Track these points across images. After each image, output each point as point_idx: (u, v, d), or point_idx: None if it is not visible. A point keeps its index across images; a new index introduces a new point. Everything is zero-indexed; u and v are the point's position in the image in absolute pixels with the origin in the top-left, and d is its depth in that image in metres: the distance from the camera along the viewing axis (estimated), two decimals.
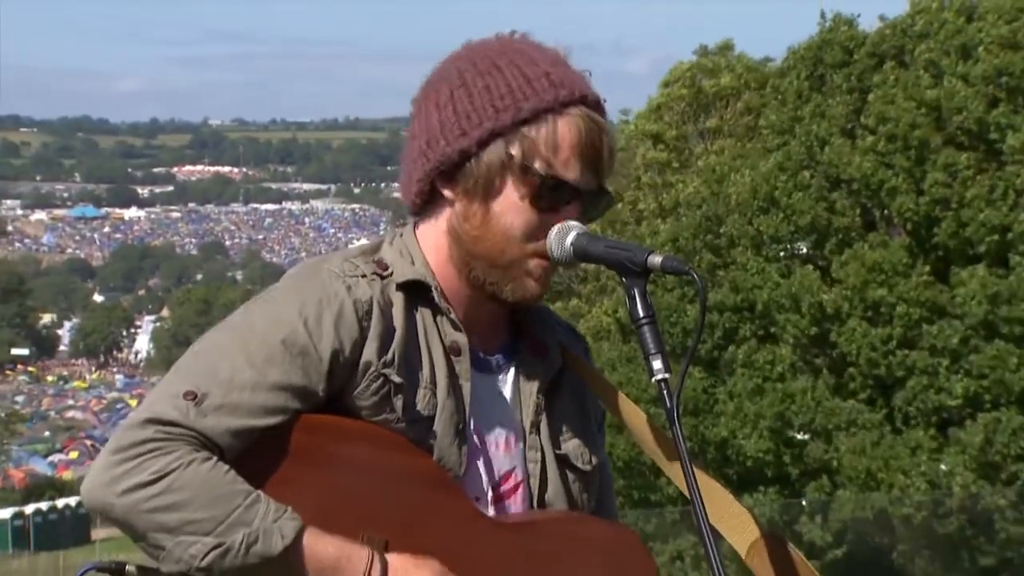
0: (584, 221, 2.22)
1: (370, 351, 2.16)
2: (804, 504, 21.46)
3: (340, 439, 2.14)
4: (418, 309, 2.23)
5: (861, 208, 22.51)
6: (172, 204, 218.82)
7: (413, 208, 2.29)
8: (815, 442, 21.79)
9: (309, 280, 2.19)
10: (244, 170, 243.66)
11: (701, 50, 31.89)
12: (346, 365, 2.15)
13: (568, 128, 2.18)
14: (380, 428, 2.16)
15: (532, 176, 2.17)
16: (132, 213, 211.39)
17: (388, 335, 2.18)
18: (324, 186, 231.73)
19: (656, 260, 2.11)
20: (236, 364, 2.10)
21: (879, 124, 21.83)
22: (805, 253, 23.27)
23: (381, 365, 2.16)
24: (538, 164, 2.17)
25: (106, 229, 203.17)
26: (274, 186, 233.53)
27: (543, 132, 2.17)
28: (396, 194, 2.44)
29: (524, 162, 2.17)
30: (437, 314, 2.24)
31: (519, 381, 2.32)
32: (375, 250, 2.27)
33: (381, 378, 2.16)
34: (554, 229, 2.19)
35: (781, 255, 23.13)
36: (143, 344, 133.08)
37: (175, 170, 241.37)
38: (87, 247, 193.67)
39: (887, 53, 22.84)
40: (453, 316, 2.24)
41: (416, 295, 2.23)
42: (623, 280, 2.15)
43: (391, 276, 2.22)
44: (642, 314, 2.13)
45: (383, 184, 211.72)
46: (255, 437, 2.09)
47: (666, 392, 2.09)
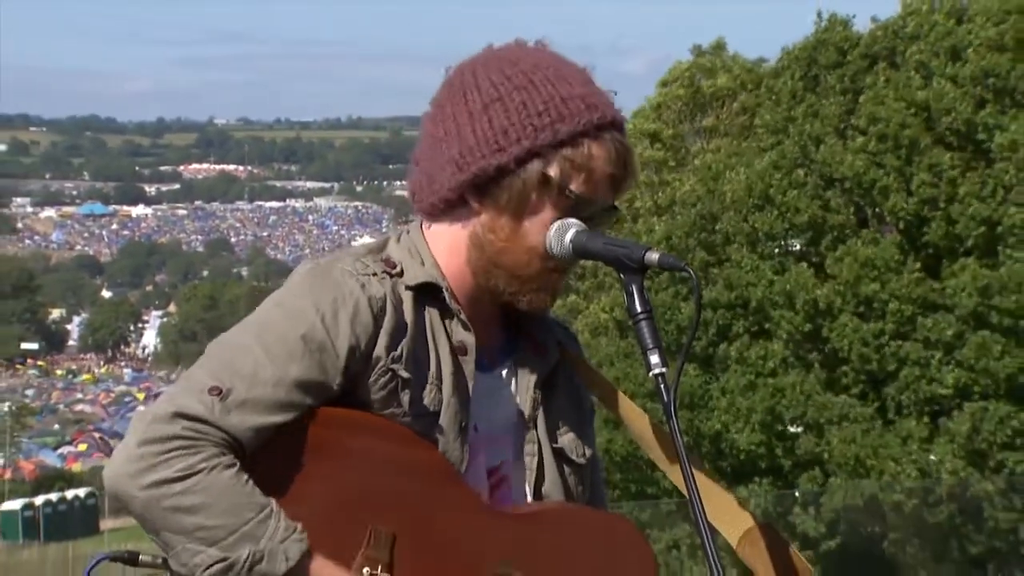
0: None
1: (381, 346, 2.20)
2: (797, 495, 21.46)
3: (353, 432, 2.19)
4: (426, 308, 2.27)
5: (854, 206, 22.48)
6: (178, 202, 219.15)
7: (431, 211, 2.30)
8: (807, 435, 21.79)
9: (324, 279, 2.22)
10: (249, 168, 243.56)
11: (696, 50, 31.58)
12: (360, 360, 2.19)
13: (602, 152, 2.22)
14: (389, 421, 2.21)
15: (567, 197, 2.22)
16: (139, 210, 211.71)
17: (399, 332, 2.22)
18: (327, 184, 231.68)
19: (653, 256, 2.15)
20: (258, 360, 2.13)
21: (870, 124, 21.78)
22: (799, 250, 23.17)
23: (390, 360, 2.20)
24: (574, 185, 2.22)
25: (114, 226, 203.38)
26: (278, 184, 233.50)
27: (579, 155, 2.21)
28: (399, 192, 2.59)
29: (562, 183, 2.21)
30: (446, 314, 2.28)
31: (517, 377, 2.37)
32: (382, 248, 2.31)
33: (389, 373, 2.21)
34: (553, 226, 2.23)
35: (776, 252, 23.06)
36: (150, 339, 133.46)
37: (181, 168, 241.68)
38: (95, 244, 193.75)
39: (879, 54, 22.80)
40: (463, 316, 2.28)
41: (425, 295, 2.27)
42: (621, 276, 2.19)
43: (400, 274, 2.26)
44: (640, 309, 2.16)
45: (385, 182, 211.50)
46: (272, 434, 2.14)
47: (663, 386, 2.12)
